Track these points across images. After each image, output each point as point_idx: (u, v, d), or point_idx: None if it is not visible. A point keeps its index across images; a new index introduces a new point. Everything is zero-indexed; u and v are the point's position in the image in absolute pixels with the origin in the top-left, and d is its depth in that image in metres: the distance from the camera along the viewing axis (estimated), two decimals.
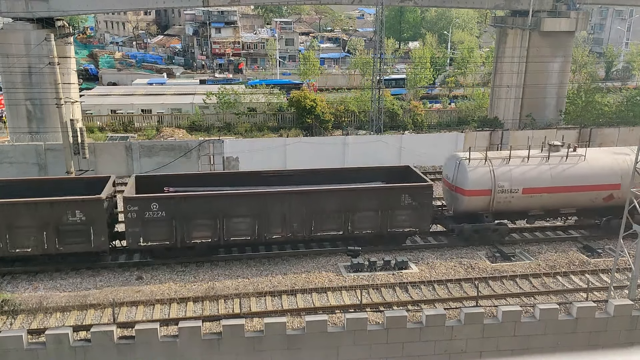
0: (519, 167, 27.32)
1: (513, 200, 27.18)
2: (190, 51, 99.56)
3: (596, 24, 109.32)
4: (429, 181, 26.73)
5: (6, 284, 23.78)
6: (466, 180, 26.84)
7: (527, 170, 27.34)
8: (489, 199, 26.97)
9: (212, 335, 19.90)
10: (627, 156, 27.97)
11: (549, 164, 27.61)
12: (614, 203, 27.91)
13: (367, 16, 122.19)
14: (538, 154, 28.09)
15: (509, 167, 27.26)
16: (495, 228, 27.64)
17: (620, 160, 27.95)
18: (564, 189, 27.50)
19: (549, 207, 28.09)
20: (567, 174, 27.49)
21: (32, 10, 40.61)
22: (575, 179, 27.51)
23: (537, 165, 27.54)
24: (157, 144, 38.78)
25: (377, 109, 46.38)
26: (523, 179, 27.16)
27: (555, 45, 47.60)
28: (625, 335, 21.77)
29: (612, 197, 27.83)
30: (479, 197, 26.97)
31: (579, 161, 27.77)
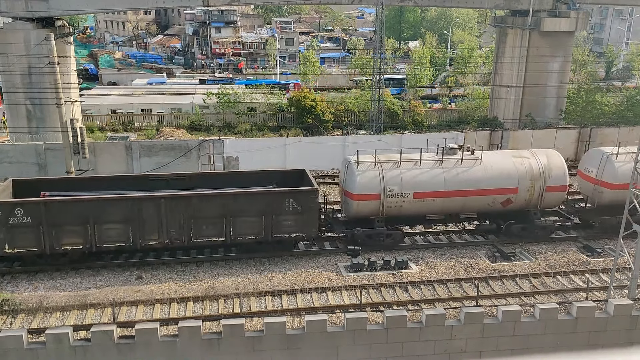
0: (410, 170, 26.41)
1: (404, 204, 26.29)
2: (190, 51, 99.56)
3: (596, 24, 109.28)
4: (315, 185, 25.69)
5: (6, 283, 23.79)
6: (354, 184, 26.04)
7: (418, 174, 26.46)
8: (378, 203, 26.09)
9: (212, 335, 19.90)
10: (526, 159, 27.32)
11: (442, 167, 26.73)
12: (512, 207, 27.43)
13: (367, 16, 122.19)
14: (432, 157, 27.26)
15: (400, 171, 26.32)
16: (389, 233, 26.85)
17: (518, 164, 27.21)
18: (459, 193, 26.61)
19: (445, 211, 27.22)
20: (462, 178, 26.62)
21: (31, 10, 40.61)
22: (470, 183, 26.63)
23: (429, 169, 26.61)
24: (157, 144, 38.77)
25: (377, 108, 46.38)
26: (414, 183, 26.26)
27: (555, 45, 47.59)
28: (625, 335, 21.77)
29: (509, 201, 27.10)
30: (368, 201, 26.08)
31: (475, 165, 26.89)
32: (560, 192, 27.88)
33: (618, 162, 27.67)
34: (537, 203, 27.62)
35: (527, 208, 27.79)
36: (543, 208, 28.15)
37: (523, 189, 27.11)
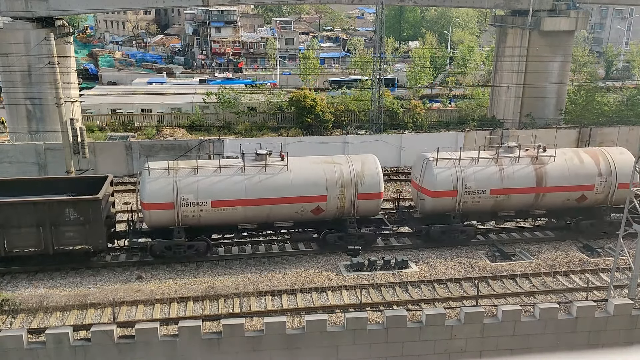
0: (208, 177, 24.80)
1: (203, 214, 24.69)
2: (190, 50, 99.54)
3: (596, 24, 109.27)
4: (99, 195, 23.88)
5: (6, 283, 23.79)
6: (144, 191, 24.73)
7: (217, 182, 24.86)
8: (172, 212, 24.59)
9: (212, 335, 19.90)
10: (338, 166, 25.99)
11: (244, 174, 25.12)
12: (326, 216, 26.01)
13: (367, 15, 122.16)
14: (234, 163, 25.80)
15: (197, 178, 24.69)
16: (191, 244, 25.43)
17: (328, 171, 25.75)
18: (263, 202, 25.09)
19: (252, 220, 25.70)
20: (265, 185, 25.08)
21: (31, 10, 40.61)
22: (274, 191, 25.15)
23: (230, 176, 25.08)
24: (157, 144, 38.77)
25: (377, 108, 46.37)
26: (211, 191, 24.65)
27: (555, 45, 47.58)
28: (625, 335, 21.77)
29: (319, 209, 25.70)
30: (161, 210, 24.62)
31: (281, 171, 25.44)
32: (375, 200, 26.20)
33: (438, 169, 26.49)
34: (351, 211, 26.05)
35: (343, 217, 26.21)
36: (360, 216, 26.48)
37: (333, 196, 25.56)
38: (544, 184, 27.19)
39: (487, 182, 26.70)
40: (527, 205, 27.85)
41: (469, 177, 26.53)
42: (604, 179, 27.57)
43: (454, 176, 26.47)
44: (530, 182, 27.07)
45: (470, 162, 26.88)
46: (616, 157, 28.05)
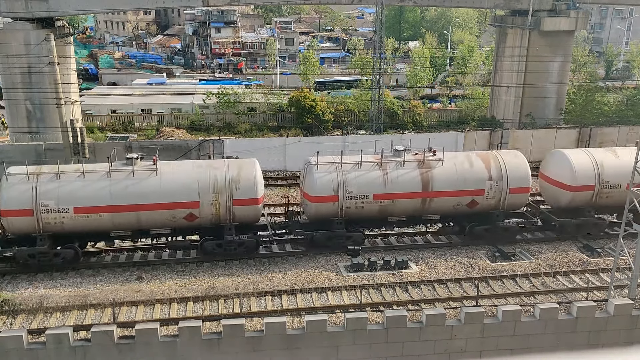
0: (71, 183, 23.89)
1: (66, 221, 23.87)
2: (190, 51, 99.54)
3: (596, 23, 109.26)
4: None
5: (6, 283, 23.80)
6: None
7: (80, 188, 23.90)
8: (32, 219, 23.85)
9: (212, 335, 19.90)
10: (213, 170, 25.13)
11: (110, 179, 24.21)
12: (201, 222, 25.12)
13: (367, 16, 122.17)
14: (100, 167, 24.79)
15: (59, 183, 23.91)
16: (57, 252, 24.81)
17: (202, 176, 24.85)
18: (130, 208, 24.13)
19: (119, 227, 24.76)
20: (132, 191, 24.19)
21: (31, 10, 40.61)
22: (142, 197, 24.20)
23: (94, 181, 24.07)
24: (157, 144, 38.76)
25: (377, 108, 46.38)
26: (74, 197, 23.76)
27: (555, 45, 47.59)
28: (625, 335, 21.77)
29: (193, 216, 24.76)
30: (20, 217, 23.89)
31: (150, 176, 24.44)
32: (252, 206, 25.25)
33: (319, 173, 25.65)
34: (227, 218, 25.17)
35: (221, 223, 25.37)
36: (239, 222, 25.63)
37: (206, 202, 24.64)
38: (430, 189, 26.22)
39: (370, 187, 25.81)
40: (416, 211, 26.80)
41: (351, 182, 25.69)
42: (495, 184, 26.59)
43: (335, 181, 25.58)
44: (415, 187, 26.11)
45: (353, 167, 26.00)
46: (508, 161, 27.14)
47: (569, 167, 27.60)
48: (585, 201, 27.99)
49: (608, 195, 27.76)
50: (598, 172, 27.53)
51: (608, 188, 27.60)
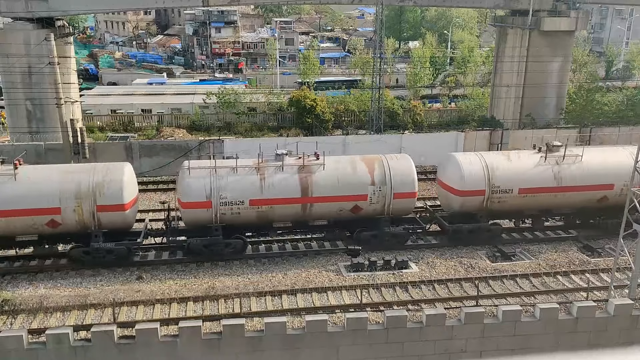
0: None
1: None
2: (190, 51, 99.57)
3: (596, 24, 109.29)
4: None
5: (6, 283, 23.80)
6: None
7: None
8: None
9: (213, 335, 19.90)
10: (77, 175, 24.16)
11: None
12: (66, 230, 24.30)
13: (367, 16, 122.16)
14: None
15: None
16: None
17: (66, 181, 23.96)
18: None
19: None
20: None
21: (32, 10, 40.62)
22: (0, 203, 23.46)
23: None
24: (157, 144, 38.79)
25: (377, 108, 46.38)
26: None
27: (555, 45, 47.58)
28: (625, 335, 21.76)
29: (55, 223, 23.93)
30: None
31: (8, 181, 23.46)
32: (117, 212, 24.27)
33: (191, 178, 24.81)
34: (93, 224, 24.28)
35: (87, 230, 24.52)
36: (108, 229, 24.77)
37: (68, 209, 23.79)
38: (310, 194, 25.22)
39: (245, 193, 24.82)
40: (297, 217, 25.82)
41: (225, 187, 24.70)
42: (378, 189, 25.68)
43: (208, 186, 24.58)
44: (294, 192, 25.11)
45: (228, 171, 25.05)
46: (393, 166, 26.20)
47: (458, 172, 26.64)
48: (477, 206, 26.98)
49: (500, 200, 26.87)
50: (488, 176, 26.55)
51: (499, 193, 26.71)
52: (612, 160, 27.88)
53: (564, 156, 27.36)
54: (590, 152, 28.16)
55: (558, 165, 27.22)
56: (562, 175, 27.17)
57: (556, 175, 27.09)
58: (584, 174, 27.28)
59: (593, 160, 27.60)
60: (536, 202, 27.48)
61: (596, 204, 28.10)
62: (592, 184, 27.37)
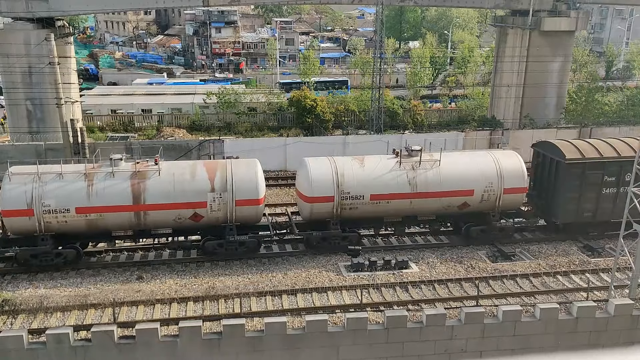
0: None
1: None
2: (190, 51, 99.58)
3: (596, 24, 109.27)
4: None
5: (7, 283, 23.81)
6: None
7: None
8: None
9: (213, 335, 19.91)
10: None
11: None
12: None
13: (368, 16, 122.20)
14: None
15: None
16: None
17: None
18: None
19: None
20: None
21: (32, 10, 40.63)
22: None
23: None
24: (157, 144, 38.75)
25: (377, 108, 46.37)
26: None
27: (556, 45, 47.59)
28: (625, 335, 21.77)
29: None
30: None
31: None
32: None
33: (11, 184, 23.60)
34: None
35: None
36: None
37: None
38: (143, 202, 24.12)
39: (71, 200, 23.62)
40: (133, 225, 24.70)
41: (48, 194, 23.51)
42: (218, 196, 24.62)
43: (30, 193, 23.44)
44: (125, 200, 23.98)
45: (53, 177, 23.83)
46: (237, 172, 25.09)
47: (307, 177, 25.69)
48: (327, 213, 25.85)
49: (351, 207, 25.72)
50: (337, 182, 25.43)
51: (350, 199, 25.57)
52: (473, 166, 26.69)
53: (420, 161, 26.20)
54: (451, 157, 27.15)
55: (414, 170, 26.00)
56: (418, 181, 25.94)
57: (411, 181, 25.86)
58: (442, 179, 26.08)
59: (452, 166, 26.44)
60: (391, 208, 26.19)
61: (457, 210, 26.92)
62: (450, 189, 26.19)
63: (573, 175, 26.97)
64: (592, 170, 27.02)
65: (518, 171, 26.92)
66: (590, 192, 27.21)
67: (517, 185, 26.87)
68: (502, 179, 26.50)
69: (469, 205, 26.80)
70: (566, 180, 27.04)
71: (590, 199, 27.33)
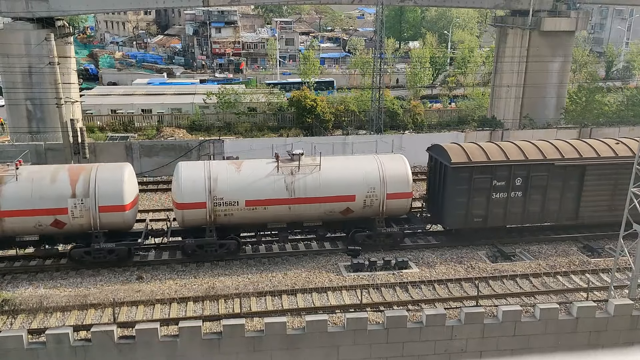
0: None
1: None
2: (190, 51, 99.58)
3: (596, 24, 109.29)
4: None
5: (6, 283, 23.80)
6: None
7: None
8: None
9: (213, 335, 19.91)
10: None
11: None
12: None
13: (368, 16, 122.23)
14: None
15: None
16: None
17: None
18: None
19: None
20: None
21: (32, 10, 40.64)
22: None
23: None
24: (157, 144, 38.79)
25: (377, 108, 46.39)
26: None
27: (555, 45, 47.62)
28: (625, 335, 21.77)
29: None
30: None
31: None
32: None
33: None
34: None
35: None
36: None
37: None
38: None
39: None
40: None
41: None
42: (80, 202, 23.59)
43: None
44: None
45: None
46: (101, 176, 24.07)
47: (177, 183, 24.68)
48: (201, 220, 24.86)
49: (226, 213, 24.74)
50: (209, 187, 24.43)
51: (224, 205, 24.55)
52: (355, 171, 25.74)
53: (300, 166, 25.24)
54: (334, 161, 26.27)
55: (292, 175, 25.05)
56: (296, 186, 24.99)
57: (289, 187, 24.90)
58: (322, 184, 25.14)
59: (333, 171, 25.49)
60: (269, 215, 25.24)
61: (341, 216, 25.91)
62: (330, 195, 25.24)
63: (460, 180, 25.97)
64: (480, 174, 26.06)
65: (402, 176, 25.88)
66: (479, 197, 26.25)
67: (401, 191, 25.80)
68: (385, 184, 25.52)
69: (353, 211, 25.76)
70: (453, 184, 26.06)
71: (479, 204, 26.38)
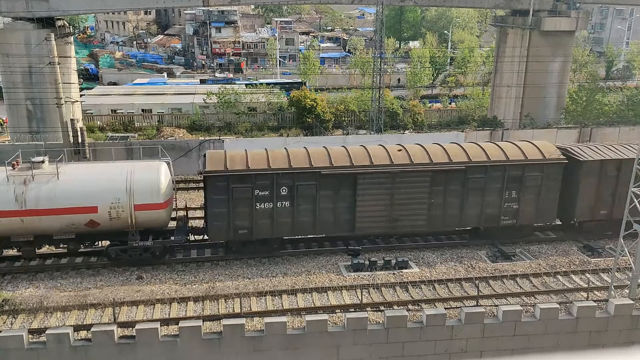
0: None
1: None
2: (190, 51, 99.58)
3: (596, 24, 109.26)
4: None
5: (6, 283, 23.81)
6: None
7: None
8: None
9: (213, 335, 19.91)
10: None
11: None
12: None
13: (368, 16, 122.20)
14: None
15: None
16: None
17: None
18: None
19: None
20: None
21: (32, 10, 40.62)
22: None
23: None
24: (157, 144, 38.72)
25: (377, 108, 46.37)
26: None
27: (556, 45, 47.59)
28: (625, 335, 21.77)
29: None
30: None
31: None
32: None
33: None
34: None
35: None
36: None
37: None
38: None
39: None
40: None
41: None
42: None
43: None
44: None
45: None
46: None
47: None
48: None
49: None
50: None
51: None
52: (98, 180, 23.98)
53: (34, 175, 23.33)
54: (76, 169, 24.62)
55: (25, 185, 23.13)
56: (28, 197, 23.01)
57: (19, 197, 22.94)
58: (57, 195, 23.20)
59: (72, 180, 23.65)
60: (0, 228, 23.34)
61: (88, 228, 24.00)
62: (67, 206, 23.24)
63: (218, 189, 24.45)
64: (239, 183, 24.49)
65: (152, 186, 23.92)
66: (241, 208, 24.72)
67: (151, 202, 23.85)
68: (132, 194, 23.62)
69: (99, 224, 23.91)
70: (211, 194, 24.63)
71: (242, 215, 24.86)
